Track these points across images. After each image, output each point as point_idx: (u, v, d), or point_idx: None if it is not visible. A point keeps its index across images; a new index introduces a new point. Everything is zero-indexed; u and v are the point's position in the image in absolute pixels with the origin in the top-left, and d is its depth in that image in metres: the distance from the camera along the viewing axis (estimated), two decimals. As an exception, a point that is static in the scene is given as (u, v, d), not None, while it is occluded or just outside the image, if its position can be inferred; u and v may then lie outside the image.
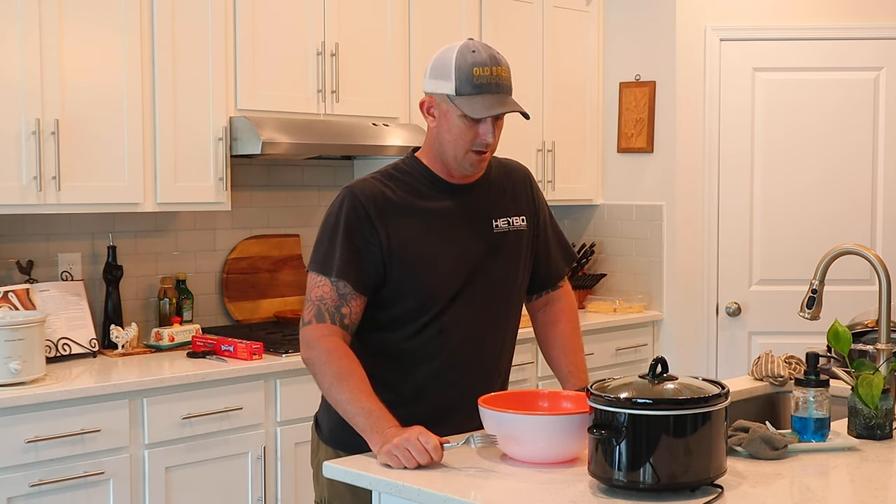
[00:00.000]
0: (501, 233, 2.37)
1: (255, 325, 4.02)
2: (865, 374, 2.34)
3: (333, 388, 2.21)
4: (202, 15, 3.60)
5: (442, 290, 2.28)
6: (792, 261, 4.69)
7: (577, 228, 5.16)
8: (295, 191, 4.29)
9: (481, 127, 2.23)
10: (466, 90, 2.20)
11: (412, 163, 2.36)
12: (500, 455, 2.15)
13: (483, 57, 2.21)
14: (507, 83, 2.24)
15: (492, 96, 2.21)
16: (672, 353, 4.73)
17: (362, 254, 2.25)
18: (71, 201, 3.33)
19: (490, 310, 2.37)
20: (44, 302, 3.47)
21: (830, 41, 4.72)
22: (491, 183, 2.40)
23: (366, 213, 2.25)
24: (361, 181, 2.33)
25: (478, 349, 2.36)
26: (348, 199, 2.28)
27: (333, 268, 2.24)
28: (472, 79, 2.20)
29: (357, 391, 2.18)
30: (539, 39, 4.72)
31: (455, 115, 2.23)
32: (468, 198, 2.35)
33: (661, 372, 1.97)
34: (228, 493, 3.41)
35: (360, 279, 2.25)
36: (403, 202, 2.29)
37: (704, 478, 1.89)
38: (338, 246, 2.25)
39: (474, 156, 2.27)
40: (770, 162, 4.76)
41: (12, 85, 3.19)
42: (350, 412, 2.18)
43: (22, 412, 2.97)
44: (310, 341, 2.25)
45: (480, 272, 2.33)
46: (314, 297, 2.25)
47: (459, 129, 2.24)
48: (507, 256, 2.38)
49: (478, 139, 2.24)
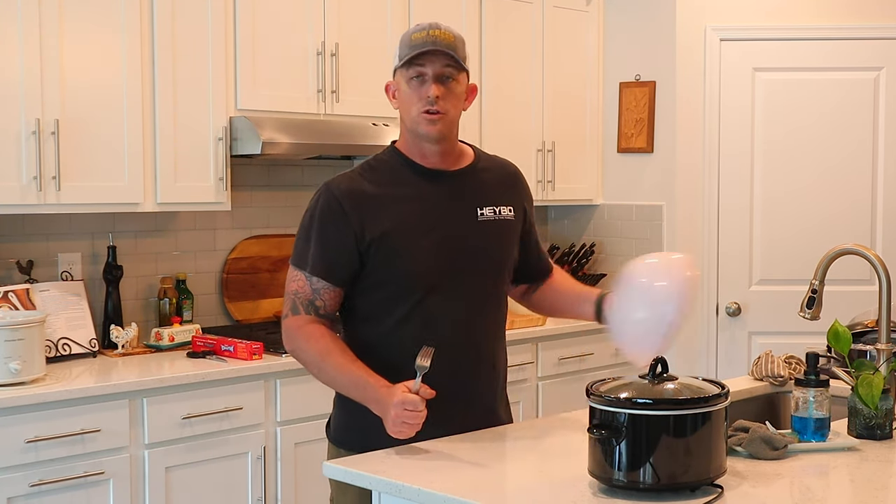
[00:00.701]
0: (486, 221, 2.38)
1: (255, 325, 4.02)
2: (865, 374, 2.34)
3: (321, 369, 2.30)
4: (202, 15, 3.60)
5: (422, 275, 2.30)
6: (792, 261, 4.68)
7: (577, 228, 5.16)
8: (295, 191, 4.29)
9: (424, 87, 2.28)
10: (405, 53, 2.29)
11: (390, 152, 2.41)
12: (501, 455, 2.15)
13: (423, 25, 2.32)
14: (446, 42, 2.29)
15: (423, 48, 2.27)
16: (672, 353, 4.69)
17: (336, 247, 2.29)
18: (71, 201, 3.33)
19: (476, 298, 2.38)
20: (44, 302, 3.47)
21: (830, 41, 4.72)
22: (477, 172, 2.43)
23: (339, 207, 2.30)
24: (339, 176, 2.38)
25: (467, 336, 2.37)
26: (323, 195, 2.34)
27: (308, 262, 2.31)
28: (410, 42, 2.29)
29: (340, 364, 2.26)
30: (539, 39, 4.72)
31: (403, 83, 2.31)
32: (449, 185, 2.37)
33: (661, 372, 1.98)
34: (228, 493, 3.41)
35: (333, 272, 2.30)
36: (381, 192, 2.32)
37: (704, 478, 1.90)
38: (312, 241, 2.31)
39: (425, 116, 2.29)
40: (770, 162, 4.76)
41: (12, 85, 3.20)
42: (342, 386, 2.30)
43: (22, 412, 2.97)
44: (289, 333, 2.34)
45: (463, 259, 2.34)
46: (290, 291, 2.34)
47: (407, 94, 2.31)
48: (491, 244, 2.39)
49: (426, 98, 2.28)
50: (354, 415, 2.32)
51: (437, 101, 2.27)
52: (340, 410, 2.42)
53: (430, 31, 2.29)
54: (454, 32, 2.33)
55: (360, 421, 2.30)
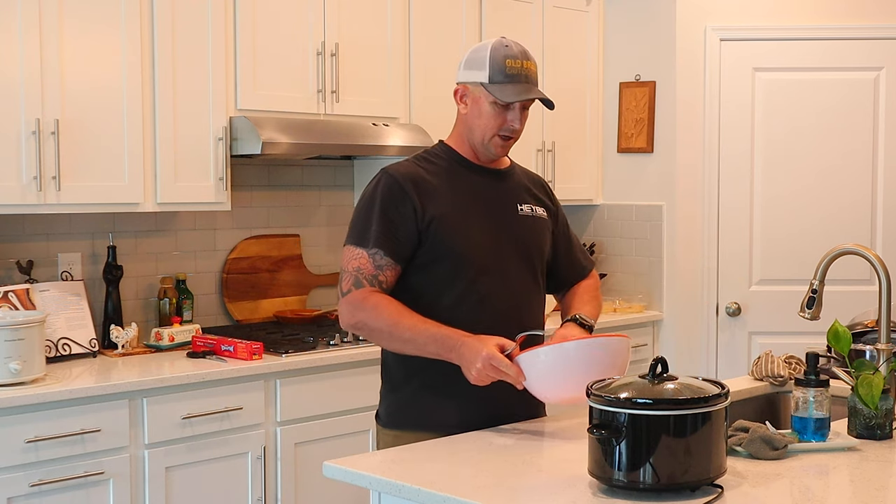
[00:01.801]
0: (525, 216, 2.56)
1: (255, 325, 4.02)
2: (865, 374, 2.34)
3: (394, 333, 2.36)
4: (202, 15, 3.60)
5: (475, 255, 2.43)
6: (792, 261, 4.69)
7: (577, 228, 5.15)
8: (295, 191, 4.29)
9: (509, 114, 2.45)
10: (499, 79, 2.43)
11: (443, 147, 2.56)
12: (501, 455, 2.15)
13: (515, 51, 2.45)
14: (534, 77, 2.47)
15: (521, 85, 2.44)
16: (672, 353, 4.73)
17: (397, 225, 2.40)
18: (71, 201, 3.33)
19: (521, 283, 2.52)
20: (44, 302, 3.47)
21: (830, 41, 4.72)
22: (515, 175, 2.62)
23: (400, 188, 2.41)
24: (396, 164, 2.50)
25: (518, 318, 2.47)
26: (385, 178, 2.44)
27: (370, 240, 2.40)
28: (504, 69, 2.42)
29: (415, 324, 2.34)
30: (539, 39, 4.72)
31: (487, 101, 2.45)
32: (495, 180, 2.55)
33: (661, 372, 1.98)
34: (228, 493, 3.41)
35: (395, 249, 2.40)
36: (437, 179, 2.46)
37: (704, 478, 1.90)
38: (374, 220, 2.40)
39: (500, 140, 2.48)
40: (770, 162, 4.76)
41: (12, 85, 3.20)
42: (420, 344, 2.35)
43: (22, 412, 2.97)
44: (355, 305, 2.39)
45: (512, 245, 2.50)
46: (351, 269, 2.41)
47: (490, 115, 2.45)
48: (529, 237, 2.55)
49: (506, 124, 2.46)
50: (407, 396, 2.47)
51: (517, 131, 2.48)
52: (393, 395, 2.51)
53: (524, 62, 2.44)
54: (535, 61, 2.49)
55: (415, 401, 2.44)
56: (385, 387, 2.55)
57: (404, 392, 2.48)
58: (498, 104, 2.43)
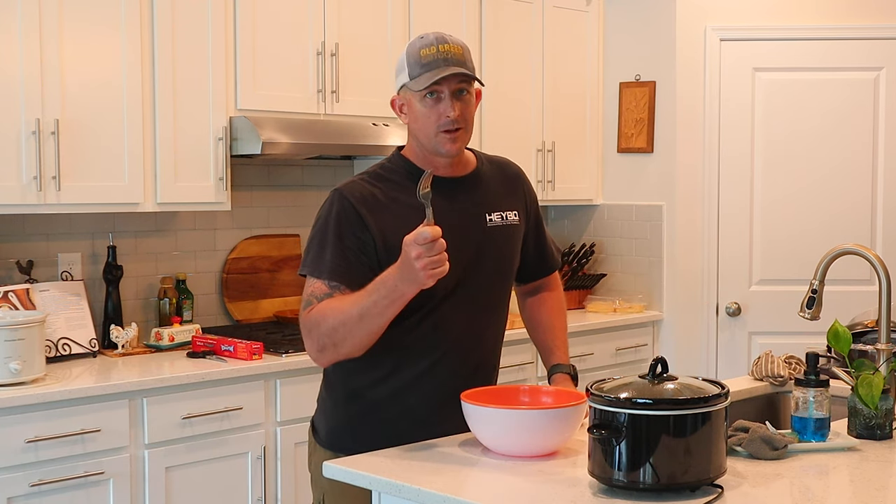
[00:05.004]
0: (495, 227, 2.40)
1: (255, 325, 4.03)
2: (865, 374, 2.34)
3: (348, 323, 2.17)
4: (202, 15, 3.60)
5: (437, 284, 2.23)
6: (792, 261, 4.69)
7: (577, 228, 5.16)
8: (295, 191, 4.29)
9: (441, 105, 2.26)
10: (417, 72, 2.26)
11: (397, 160, 2.39)
12: (501, 455, 2.15)
13: (429, 39, 2.27)
14: (456, 57, 2.26)
15: (437, 70, 2.24)
16: (672, 353, 4.73)
17: (354, 252, 2.25)
18: (71, 201, 3.33)
19: (484, 303, 2.40)
20: (44, 302, 3.47)
21: (830, 41, 4.72)
22: (482, 177, 2.43)
23: (356, 212, 2.27)
24: (349, 182, 2.34)
25: (475, 342, 2.39)
26: (337, 200, 2.29)
27: (325, 270, 2.25)
28: (420, 60, 2.25)
29: (356, 300, 2.16)
30: (539, 39, 4.72)
31: (416, 101, 2.28)
32: (458, 192, 2.37)
33: (661, 372, 1.98)
34: (228, 493, 3.41)
35: (351, 275, 2.24)
36: (392, 200, 2.30)
37: (704, 478, 1.90)
38: (329, 246, 2.26)
39: (445, 135, 2.28)
40: (770, 162, 4.76)
41: (12, 85, 3.20)
42: (367, 307, 2.14)
43: (22, 412, 2.97)
44: (306, 323, 2.24)
45: (474, 267, 2.35)
46: (306, 295, 2.26)
47: (422, 113, 2.28)
48: (500, 251, 2.41)
49: (442, 118, 2.26)
50: (348, 416, 2.36)
51: (457, 120, 2.27)
52: (331, 414, 2.42)
53: (438, 46, 2.25)
54: (460, 43, 2.30)
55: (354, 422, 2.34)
56: (327, 396, 2.44)
57: (347, 411, 2.37)
58: (427, 99, 2.25)
